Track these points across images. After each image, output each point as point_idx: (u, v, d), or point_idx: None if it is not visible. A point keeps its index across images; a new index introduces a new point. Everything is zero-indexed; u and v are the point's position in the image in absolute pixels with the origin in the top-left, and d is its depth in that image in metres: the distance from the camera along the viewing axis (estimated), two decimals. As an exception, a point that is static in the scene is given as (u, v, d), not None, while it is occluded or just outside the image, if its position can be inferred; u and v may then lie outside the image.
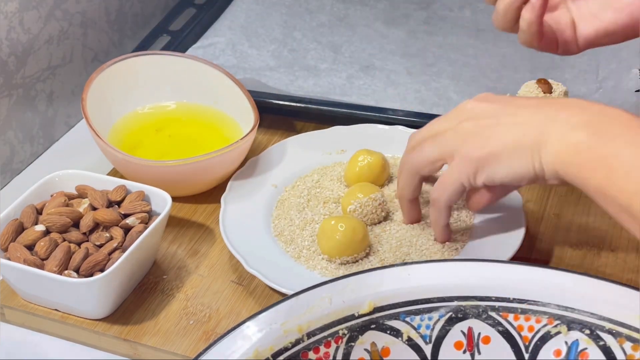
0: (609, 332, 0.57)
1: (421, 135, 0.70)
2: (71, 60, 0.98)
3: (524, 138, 0.63)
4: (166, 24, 1.02)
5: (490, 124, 0.65)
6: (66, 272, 0.69)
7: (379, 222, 0.76)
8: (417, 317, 0.59)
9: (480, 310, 0.59)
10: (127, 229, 0.72)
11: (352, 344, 0.58)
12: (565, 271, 0.59)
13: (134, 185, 0.76)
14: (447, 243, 0.73)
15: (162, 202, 0.74)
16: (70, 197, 0.75)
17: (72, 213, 0.73)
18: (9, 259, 0.70)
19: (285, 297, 0.59)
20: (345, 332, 0.58)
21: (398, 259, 0.72)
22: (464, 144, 0.66)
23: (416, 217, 0.75)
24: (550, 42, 0.74)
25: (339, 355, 0.58)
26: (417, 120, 0.86)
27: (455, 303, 0.59)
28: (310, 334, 0.58)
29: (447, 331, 0.59)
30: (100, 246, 0.71)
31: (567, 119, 0.61)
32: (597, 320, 0.57)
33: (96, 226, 0.73)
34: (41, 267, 0.69)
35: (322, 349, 0.58)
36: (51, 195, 0.76)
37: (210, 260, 0.77)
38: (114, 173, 0.86)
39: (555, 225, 0.79)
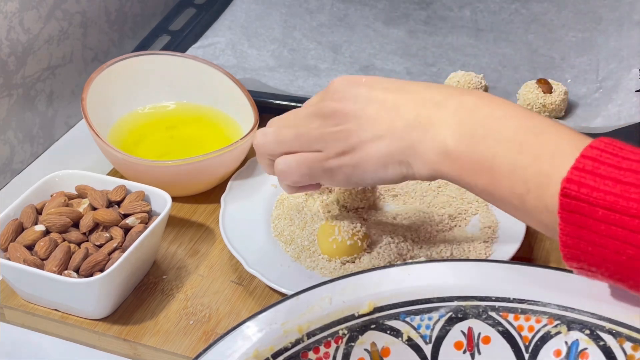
0: (609, 332, 0.57)
1: (288, 136, 0.67)
2: (71, 60, 0.98)
3: (387, 150, 0.60)
4: (166, 24, 1.02)
5: (354, 130, 0.62)
6: (66, 272, 0.69)
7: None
8: (417, 317, 0.59)
9: (480, 310, 0.59)
10: (127, 229, 0.72)
11: (352, 344, 0.58)
12: (565, 271, 0.59)
13: (134, 185, 0.76)
14: (447, 244, 0.73)
15: (162, 202, 0.74)
16: (70, 197, 0.75)
17: (72, 213, 0.73)
18: (8, 259, 0.70)
19: (285, 297, 0.58)
20: (345, 332, 0.58)
21: (398, 258, 0.72)
22: (333, 153, 0.63)
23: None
24: None
25: (339, 355, 0.58)
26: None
27: (455, 303, 0.59)
28: (310, 334, 0.58)
29: (447, 331, 0.59)
30: (100, 246, 0.71)
31: (429, 121, 0.59)
32: (597, 320, 0.57)
33: (96, 226, 0.73)
34: (41, 267, 0.69)
35: (322, 349, 0.58)
36: (51, 195, 0.76)
37: (210, 260, 0.77)
38: (114, 173, 0.86)
39: (555, 225, 0.79)
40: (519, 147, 0.55)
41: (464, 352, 0.59)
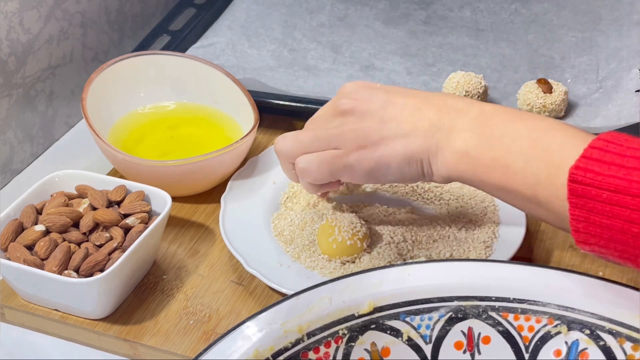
0: (609, 332, 0.57)
1: (307, 137, 0.70)
2: (71, 60, 0.98)
3: (412, 148, 0.65)
4: (166, 24, 1.02)
5: (376, 127, 0.66)
6: (66, 272, 0.69)
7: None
8: (417, 317, 0.59)
9: (480, 310, 0.59)
10: (127, 229, 0.72)
11: (352, 344, 0.58)
12: (565, 271, 0.59)
13: (134, 185, 0.76)
14: (447, 244, 0.73)
15: (162, 202, 0.74)
16: (70, 197, 0.75)
17: (72, 213, 0.73)
18: (9, 259, 0.70)
19: (285, 297, 0.59)
20: (345, 332, 0.58)
21: (398, 258, 0.72)
22: (353, 148, 0.67)
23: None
24: None
25: (339, 355, 0.58)
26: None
27: (455, 303, 0.59)
28: (310, 334, 0.58)
29: (447, 331, 0.59)
30: (100, 246, 0.71)
31: (451, 125, 0.63)
32: (597, 320, 0.57)
33: (96, 226, 0.73)
34: (41, 267, 0.69)
35: (322, 349, 0.58)
36: (51, 195, 0.76)
37: (210, 260, 0.77)
38: (114, 173, 0.86)
39: (555, 225, 0.79)
40: (532, 143, 0.59)
41: (464, 352, 0.59)
